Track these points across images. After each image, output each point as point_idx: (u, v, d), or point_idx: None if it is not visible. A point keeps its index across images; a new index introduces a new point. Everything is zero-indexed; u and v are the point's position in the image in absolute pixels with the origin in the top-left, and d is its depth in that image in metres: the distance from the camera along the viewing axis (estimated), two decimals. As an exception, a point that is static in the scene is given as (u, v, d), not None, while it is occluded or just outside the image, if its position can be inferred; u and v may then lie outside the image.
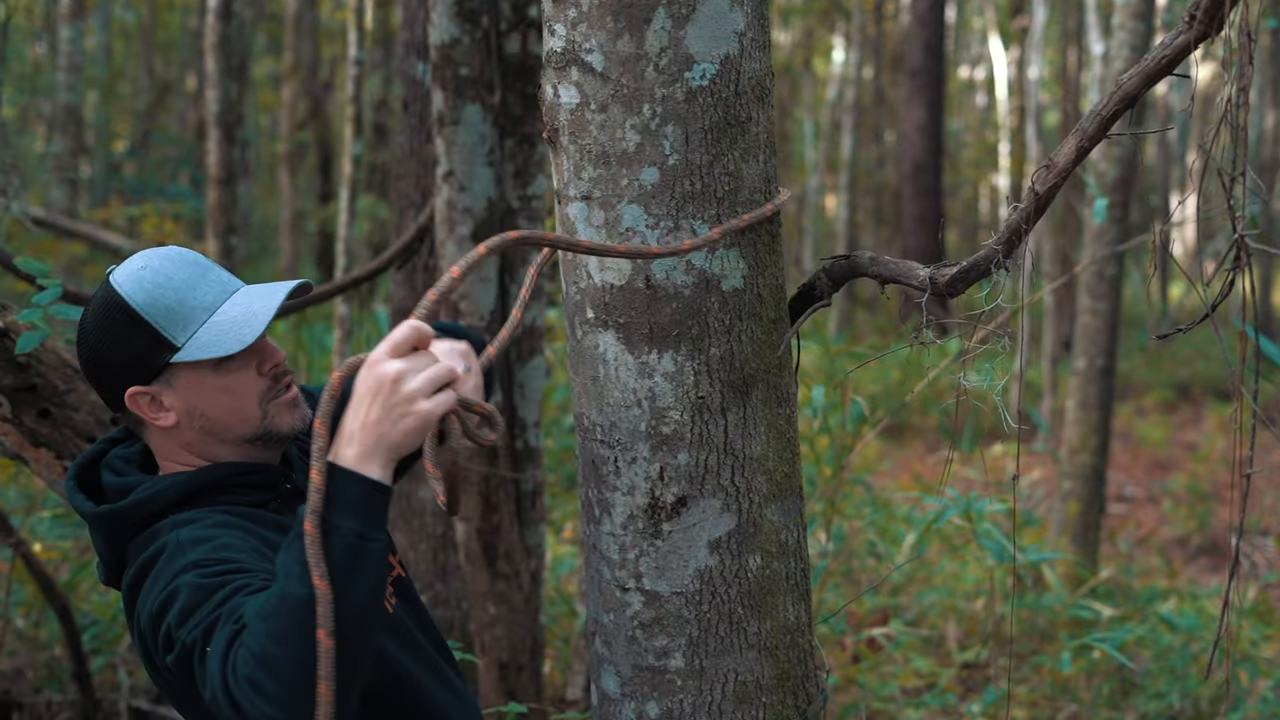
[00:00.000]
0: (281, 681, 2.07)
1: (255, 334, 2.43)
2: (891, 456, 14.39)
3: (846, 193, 25.22)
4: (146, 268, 2.47)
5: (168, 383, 2.46)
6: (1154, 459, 15.05)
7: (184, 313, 2.44)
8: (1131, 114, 2.52)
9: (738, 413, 2.57)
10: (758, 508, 2.61)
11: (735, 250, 2.55)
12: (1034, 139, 19.11)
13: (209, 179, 9.79)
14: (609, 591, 2.65)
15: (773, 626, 2.64)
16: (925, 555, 8.75)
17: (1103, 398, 8.89)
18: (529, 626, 5.04)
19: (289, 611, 2.08)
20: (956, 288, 2.50)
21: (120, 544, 2.47)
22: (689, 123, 2.49)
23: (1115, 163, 8.45)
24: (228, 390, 2.48)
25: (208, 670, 2.14)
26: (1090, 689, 6.71)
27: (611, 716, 2.70)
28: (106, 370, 2.47)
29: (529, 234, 2.37)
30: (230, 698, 2.10)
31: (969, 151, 33.54)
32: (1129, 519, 12.14)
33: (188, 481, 2.46)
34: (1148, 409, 17.98)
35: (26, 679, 6.77)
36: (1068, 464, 9.10)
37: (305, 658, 2.08)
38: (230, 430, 2.51)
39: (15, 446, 3.59)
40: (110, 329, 2.45)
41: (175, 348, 2.43)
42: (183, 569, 2.26)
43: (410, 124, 5.92)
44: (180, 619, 2.20)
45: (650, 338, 2.54)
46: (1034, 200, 2.44)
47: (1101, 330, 8.79)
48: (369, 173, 16.90)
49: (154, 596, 2.27)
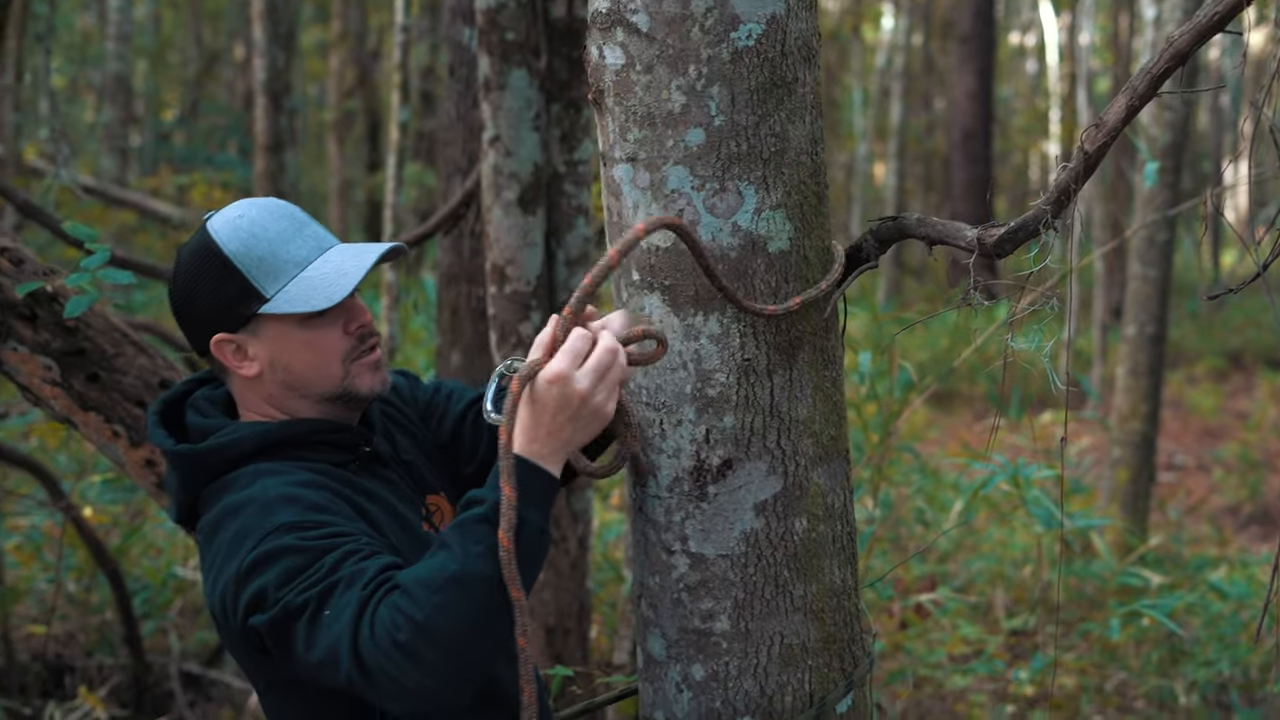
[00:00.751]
0: (441, 652, 2.16)
1: (344, 292, 2.44)
2: (939, 424, 14.34)
3: (895, 160, 25.11)
4: (243, 217, 2.49)
5: (253, 333, 2.48)
6: (1205, 427, 14.94)
7: (276, 265, 2.45)
8: (1182, 76, 2.48)
9: (784, 375, 2.56)
10: (804, 470, 2.59)
11: (781, 211, 2.53)
12: (1085, 105, 18.96)
13: (256, 147, 9.83)
14: (655, 554, 2.65)
15: (819, 590, 2.63)
16: (973, 522, 8.73)
17: (1153, 364, 8.84)
18: (576, 592, 5.06)
19: (466, 588, 2.18)
20: (1004, 248, 2.47)
21: (195, 487, 2.49)
22: (735, 83, 2.47)
23: (1167, 128, 8.37)
24: (312, 346, 2.49)
25: (324, 632, 2.19)
26: (1139, 656, 6.69)
27: (657, 679, 2.70)
28: (195, 314, 2.50)
29: (669, 219, 2.40)
30: (360, 661, 2.17)
31: (1019, 118, 33.31)
32: (1179, 487, 12.07)
33: (267, 433, 2.48)
34: (1199, 377, 17.84)
35: (78, 643, 6.85)
36: (1117, 431, 9.04)
37: (471, 634, 2.19)
38: (311, 386, 2.52)
39: (65, 410, 3.62)
40: (202, 274, 2.46)
41: (264, 299, 2.45)
42: (276, 529, 2.28)
43: (457, 89, 5.92)
44: (283, 580, 2.23)
45: (696, 300, 2.53)
46: (1083, 159, 2.41)
47: (1152, 296, 8.73)
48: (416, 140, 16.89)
49: (243, 553, 2.28)
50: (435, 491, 2.72)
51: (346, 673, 2.19)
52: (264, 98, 9.61)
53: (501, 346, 4.88)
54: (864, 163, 26.96)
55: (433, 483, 2.73)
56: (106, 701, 6.09)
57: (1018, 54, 35.35)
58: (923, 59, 31.46)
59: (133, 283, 3.64)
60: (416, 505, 2.63)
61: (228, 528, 2.35)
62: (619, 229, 2.60)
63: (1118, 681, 6.64)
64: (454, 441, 2.83)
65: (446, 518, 2.71)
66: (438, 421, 2.84)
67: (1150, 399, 8.86)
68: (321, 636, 2.20)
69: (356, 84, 20.42)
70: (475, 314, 6.01)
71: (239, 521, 2.34)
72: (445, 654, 2.17)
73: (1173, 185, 8.52)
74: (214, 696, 6.48)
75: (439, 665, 2.17)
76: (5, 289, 3.50)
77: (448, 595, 2.17)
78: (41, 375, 3.56)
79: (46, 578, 7.00)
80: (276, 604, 2.23)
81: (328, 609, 2.20)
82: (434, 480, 2.74)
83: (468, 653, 2.20)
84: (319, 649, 2.21)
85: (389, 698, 2.21)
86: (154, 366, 3.65)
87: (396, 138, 8.19)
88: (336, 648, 2.18)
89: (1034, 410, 14.03)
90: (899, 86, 24.80)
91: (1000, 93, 30.93)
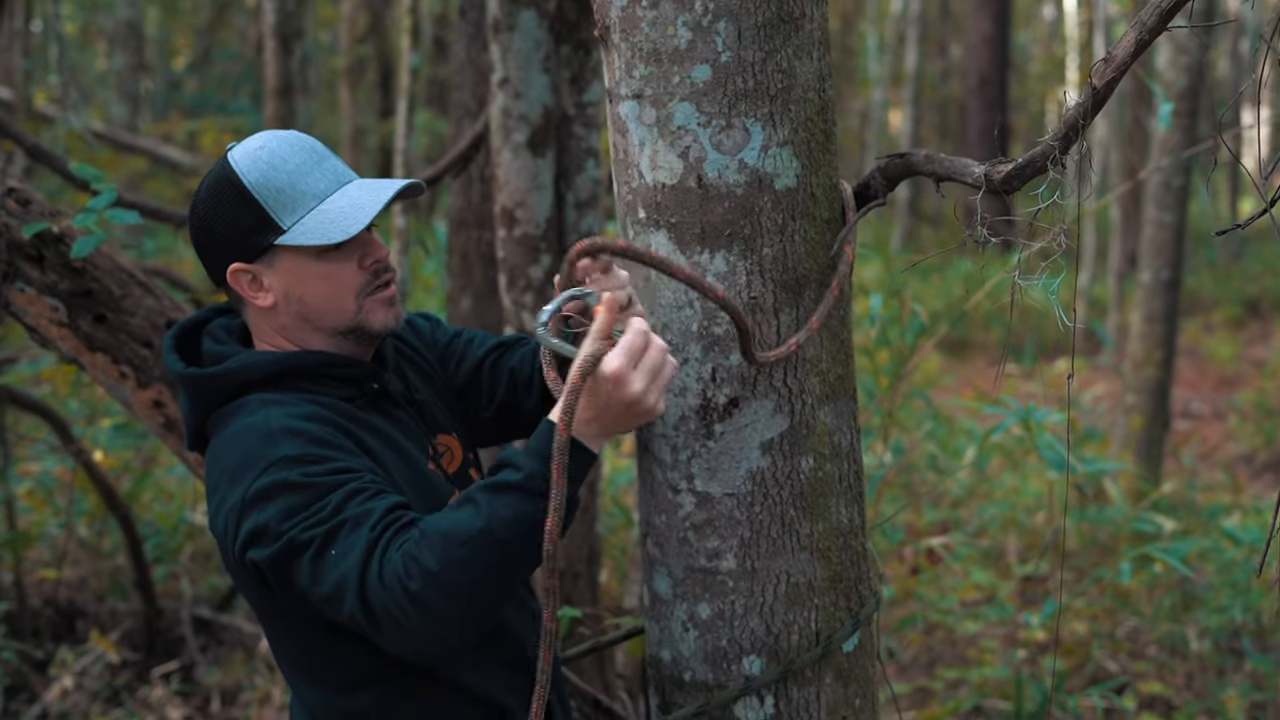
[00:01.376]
0: (451, 604, 2.19)
1: (359, 226, 2.44)
2: (953, 372, 14.32)
3: (910, 107, 24.97)
4: (264, 148, 2.50)
5: (269, 264, 2.48)
6: (1221, 375, 14.90)
7: (294, 196, 2.46)
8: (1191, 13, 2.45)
9: (790, 313, 2.54)
10: (810, 409, 2.58)
11: (788, 149, 2.51)
12: (1103, 51, 18.79)
13: (266, 91, 9.79)
14: (661, 493, 2.64)
15: (825, 529, 2.62)
16: (985, 469, 8.72)
17: (1168, 311, 8.80)
18: (585, 535, 5.06)
19: (487, 549, 2.21)
20: (1012, 184, 2.45)
21: (203, 411, 2.51)
22: (741, 19, 2.45)
23: (1183, 71, 8.31)
24: (327, 279, 2.49)
25: (330, 570, 2.22)
26: (1151, 602, 6.68)
27: (663, 617, 2.69)
28: (213, 243, 2.50)
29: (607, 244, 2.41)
30: (365, 601, 2.19)
31: (1036, 65, 33.09)
32: (1194, 435, 12.04)
33: (277, 361, 2.48)
34: (1215, 325, 17.78)
35: (90, 587, 6.88)
36: (1131, 378, 9.02)
37: (483, 591, 2.22)
38: (324, 319, 2.52)
39: (72, 351, 3.61)
40: (221, 204, 2.47)
41: (281, 230, 2.45)
42: (279, 461, 2.29)
43: (467, 32, 5.88)
44: (285, 515, 2.25)
45: (702, 237, 2.51)
46: (1091, 95, 2.38)
47: (1168, 242, 8.68)
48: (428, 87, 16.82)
49: (246, 482, 2.30)
50: (447, 431, 2.73)
51: (350, 610, 2.21)
52: (273, 40, 9.56)
53: (510, 290, 4.87)
54: (879, 109, 26.81)
55: (444, 423, 2.73)
56: (118, 645, 6.12)
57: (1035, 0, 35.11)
58: (939, 4, 31.25)
59: (141, 224, 3.64)
60: (424, 444, 2.63)
61: (232, 454, 2.37)
62: (625, 166, 2.58)
63: (1129, 628, 6.64)
64: (471, 385, 2.84)
65: (456, 458, 2.72)
66: (456, 364, 2.85)
67: (1165, 345, 8.83)
68: (327, 574, 2.22)
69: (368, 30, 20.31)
70: (485, 259, 5.99)
71: (242, 448, 2.35)
72: (454, 606, 2.19)
73: (1189, 129, 8.47)
74: (225, 641, 6.50)
75: (447, 615, 2.19)
76: (12, 230, 3.49)
77: (467, 551, 2.19)
78: (49, 316, 3.55)
79: (58, 523, 7.02)
80: (279, 538, 2.24)
81: (333, 548, 2.22)
82: (446, 421, 2.75)
83: (476, 608, 2.23)
84: (324, 585, 2.22)
85: (392, 640, 2.23)
86: (161, 307, 3.64)
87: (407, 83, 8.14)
88: (343, 585, 2.20)
89: (1049, 358, 14.00)
90: (914, 32, 24.64)
91: (1017, 39, 30.73)
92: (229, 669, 6.12)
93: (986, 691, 6.02)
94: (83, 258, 3.51)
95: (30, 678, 5.88)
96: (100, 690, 5.86)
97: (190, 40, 25.47)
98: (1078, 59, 23.49)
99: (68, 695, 5.71)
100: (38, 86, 11.75)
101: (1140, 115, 16.58)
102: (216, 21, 24.16)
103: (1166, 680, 6.21)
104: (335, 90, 23.60)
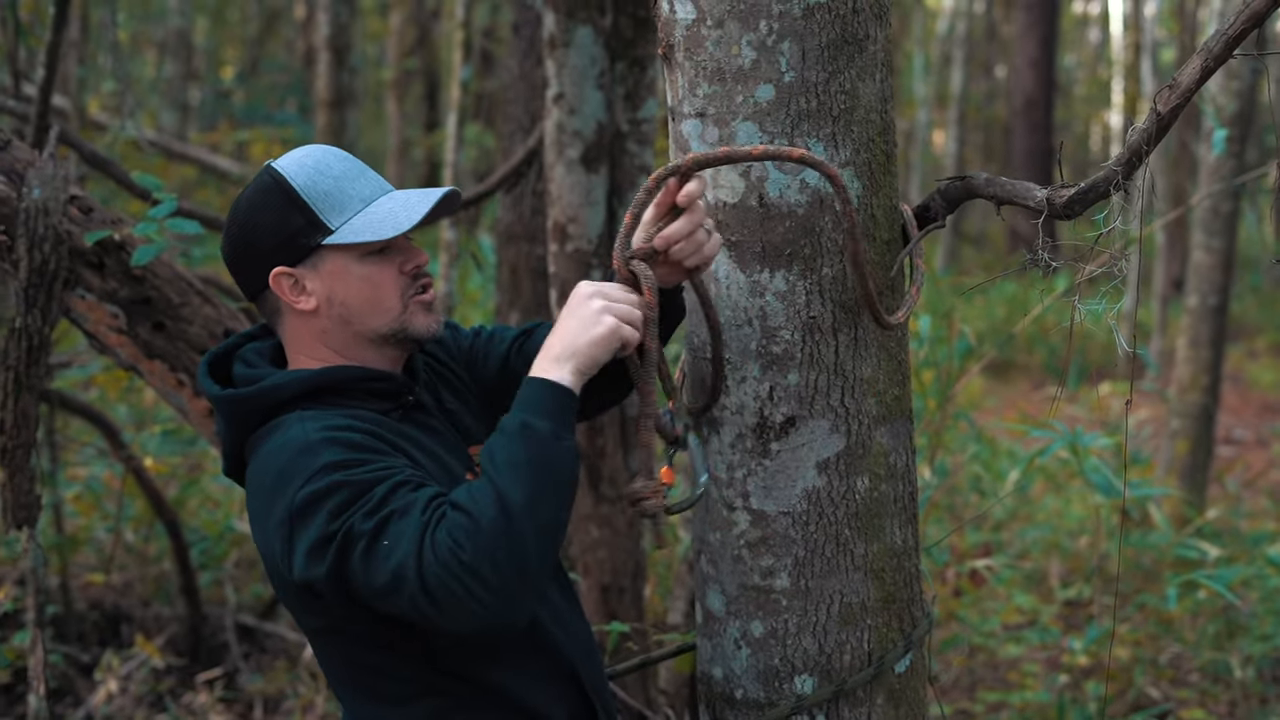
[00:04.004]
0: (500, 568, 2.18)
1: (410, 223, 2.47)
2: (996, 394, 14.25)
3: (955, 128, 24.90)
4: (309, 155, 2.54)
5: (314, 266, 2.49)
6: (1264, 402, 14.80)
7: (341, 199, 2.49)
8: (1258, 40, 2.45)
9: (849, 334, 2.55)
10: (867, 429, 2.59)
11: (850, 169, 2.52)
12: (1149, 75, 18.76)
13: (318, 102, 9.86)
14: (716, 510, 2.65)
15: (879, 549, 2.63)
16: (1029, 492, 8.68)
17: (1214, 336, 8.75)
18: (631, 550, 5.07)
19: (523, 506, 2.21)
20: (1074, 209, 2.45)
21: (241, 433, 2.51)
22: (806, 39, 2.46)
23: (1234, 96, 8.28)
24: (369, 281, 2.51)
25: (384, 561, 2.22)
26: (1194, 629, 6.64)
27: (715, 635, 2.70)
28: (255, 250, 2.51)
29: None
30: (424, 583, 2.19)
31: (1081, 88, 32.98)
32: (1237, 461, 11.96)
33: (311, 377, 2.49)
34: (1259, 351, 17.66)
35: (136, 592, 6.92)
36: (1177, 402, 8.97)
37: (530, 550, 2.21)
38: (366, 322, 2.53)
39: (130, 359, 3.65)
40: (267, 208, 2.49)
41: (329, 230, 2.48)
42: (322, 468, 2.30)
43: (520, 48, 5.91)
44: (333, 515, 2.26)
45: (762, 256, 2.52)
46: (1155, 121, 2.39)
47: (1215, 267, 8.64)
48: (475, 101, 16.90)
49: (290, 494, 2.30)
50: (479, 443, 2.73)
51: (411, 597, 2.21)
52: (327, 53, 9.63)
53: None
54: (924, 130, 26.76)
55: (477, 434, 2.74)
56: (163, 651, 6.15)
57: (1081, 22, 34.99)
58: (985, 26, 31.17)
59: (200, 232, 3.67)
60: (462, 454, 2.64)
61: (271, 469, 2.37)
62: (686, 184, 2.59)
63: (1172, 654, 6.60)
64: (503, 379, 2.83)
65: None
66: (482, 363, 2.86)
67: (1211, 370, 8.78)
68: (382, 565, 2.22)
69: (416, 43, 20.42)
70: (534, 273, 6.01)
71: (282, 462, 2.36)
72: (504, 569, 2.19)
73: (1238, 155, 8.43)
74: (269, 648, 6.53)
75: (502, 580, 2.19)
76: (74, 237, 3.53)
77: (502, 513, 2.20)
78: (108, 323, 3.59)
79: (106, 527, 7.07)
80: (331, 541, 2.25)
81: (385, 538, 2.23)
82: (478, 432, 2.75)
83: (526, 571, 2.22)
84: (380, 576, 2.23)
85: (454, 618, 2.23)
86: (219, 316, 3.67)
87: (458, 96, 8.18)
88: (400, 573, 2.21)
89: (1091, 382, 13.93)
90: (960, 53, 24.58)
91: (1062, 61, 30.63)
92: (272, 676, 6.14)
93: (1028, 716, 6.00)
94: (142, 266, 3.54)
95: (76, 681, 5.92)
96: (144, 695, 5.89)
97: (239, 51, 25.63)
98: (1123, 82, 23.40)
99: (112, 699, 5.73)
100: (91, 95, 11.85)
101: (1186, 139, 16.52)
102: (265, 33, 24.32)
103: (1209, 708, 6.17)
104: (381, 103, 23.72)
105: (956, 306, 5.24)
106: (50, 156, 3.57)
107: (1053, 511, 8.47)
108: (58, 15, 4.43)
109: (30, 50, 6.01)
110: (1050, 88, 22.59)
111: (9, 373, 3.56)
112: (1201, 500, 8.72)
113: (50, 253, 3.46)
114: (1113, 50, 24.84)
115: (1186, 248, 13.57)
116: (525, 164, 5.63)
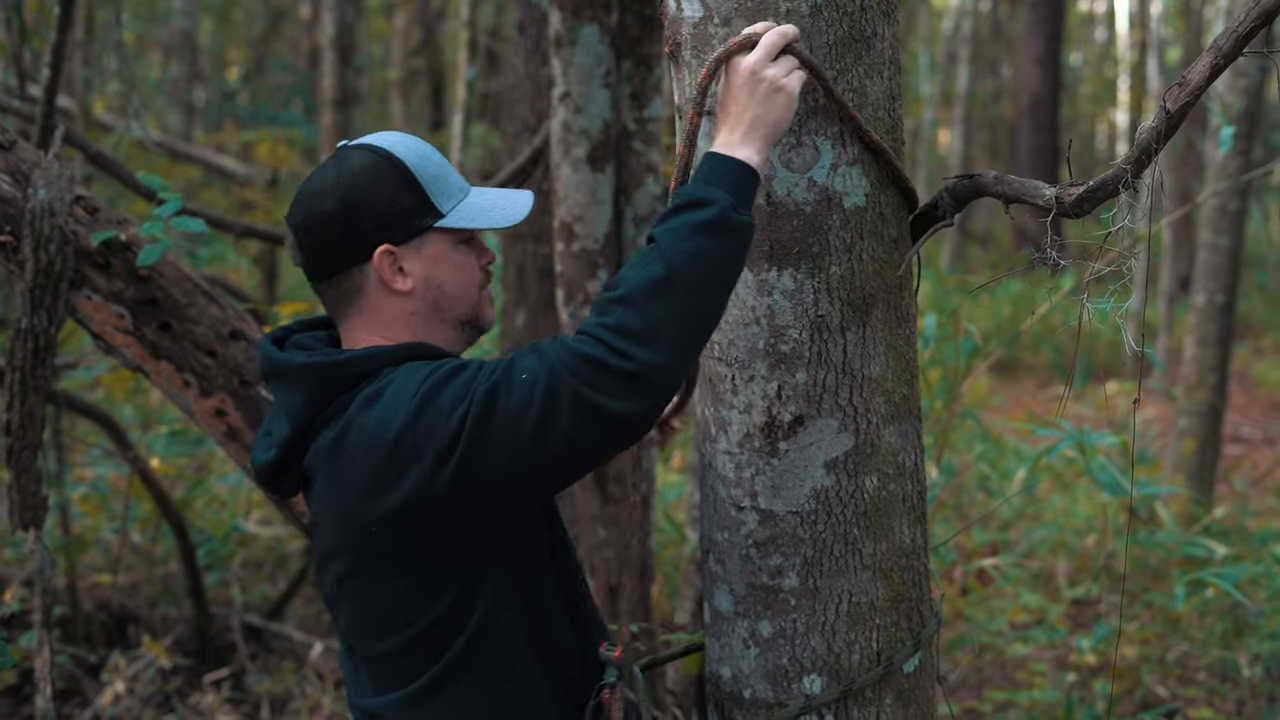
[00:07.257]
0: (675, 322, 2.25)
1: (520, 216, 2.54)
2: (1002, 393, 14.25)
3: (961, 126, 24.92)
4: (410, 140, 2.55)
5: (418, 248, 2.49)
6: (1271, 400, 14.78)
7: (447, 185, 2.52)
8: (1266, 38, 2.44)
9: (857, 332, 2.55)
10: (875, 428, 2.58)
11: (858, 168, 2.51)
12: (1155, 74, 18.73)
13: (324, 102, 9.84)
14: (724, 510, 2.64)
15: (888, 548, 2.62)
16: (1036, 491, 8.67)
17: (1222, 334, 8.73)
18: (638, 550, 5.06)
19: (682, 268, 2.26)
20: (1083, 207, 2.44)
21: (322, 401, 2.43)
22: (813, 37, 2.45)
23: (1241, 94, 8.26)
24: (461, 268, 2.54)
25: (530, 381, 2.24)
26: (1202, 628, 6.63)
27: (724, 635, 2.69)
28: (358, 227, 2.47)
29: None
30: (578, 370, 2.23)
31: (1087, 86, 32.96)
32: (1244, 460, 11.94)
33: (408, 347, 2.46)
34: (1266, 350, 17.64)
35: (142, 593, 6.92)
36: (1184, 401, 8.95)
37: (682, 305, 2.26)
38: (455, 307, 2.54)
39: (136, 359, 3.64)
40: (380, 186, 2.46)
41: (440, 213, 2.49)
42: (427, 376, 2.33)
43: (526, 47, 5.90)
44: (457, 400, 2.27)
45: (770, 255, 2.52)
46: (1165, 119, 2.38)
47: (1222, 266, 8.62)
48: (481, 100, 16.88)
49: (405, 406, 2.29)
50: None
51: (569, 392, 2.23)
52: (332, 53, 9.61)
53: (568, 304, 4.88)
54: (929, 128, 26.75)
55: None
56: (170, 651, 6.15)
57: (1087, 21, 34.96)
58: (990, 24, 31.17)
59: (205, 232, 3.67)
60: None
61: (373, 408, 2.35)
62: (693, 183, 2.59)
63: (1179, 653, 6.59)
64: None
65: None
66: None
67: (1218, 369, 8.76)
68: (531, 386, 2.25)
69: (421, 43, 20.41)
70: (541, 272, 6.00)
71: (388, 393, 2.34)
72: (660, 321, 2.24)
73: (1245, 153, 8.42)
74: (275, 649, 6.54)
75: (661, 325, 2.24)
76: (80, 237, 3.52)
77: (662, 274, 2.26)
78: (114, 324, 3.58)
79: (112, 528, 7.08)
80: (466, 403, 2.27)
81: (520, 372, 2.26)
82: None
83: (687, 317, 2.27)
84: (536, 392, 2.24)
85: (622, 394, 2.23)
86: (225, 317, 3.66)
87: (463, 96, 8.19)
88: (553, 377, 2.24)
89: (1098, 380, 13.92)
90: (966, 52, 24.58)
91: (1068, 60, 30.62)
92: (279, 677, 6.15)
93: (1036, 714, 5.99)
94: (149, 266, 3.54)
95: (83, 682, 5.92)
96: (151, 695, 5.90)
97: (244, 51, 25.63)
98: (1129, 81, 23.38)
99: (119, 700, 5.74)
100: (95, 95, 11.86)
101: (1192, 138, 16.50)
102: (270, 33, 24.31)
103: (1217, 706, 6.16)
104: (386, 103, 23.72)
105: (963, 305, 5.21)
106: (56, 157, 3.56)
107: (1060, 510, 8.46)
108: (62, 16, 4.43)
109: (35, 51, 6.01)
110: (1056, 86, 22.55)
111: (15, 374, 3.56)
112: (1209, 499, 8.71)
113: (56, 253, 3.45)
114: (1118, 48, 24.80)
115: (1193, 246, 13.55)
116: (531, 163, 5.62)
